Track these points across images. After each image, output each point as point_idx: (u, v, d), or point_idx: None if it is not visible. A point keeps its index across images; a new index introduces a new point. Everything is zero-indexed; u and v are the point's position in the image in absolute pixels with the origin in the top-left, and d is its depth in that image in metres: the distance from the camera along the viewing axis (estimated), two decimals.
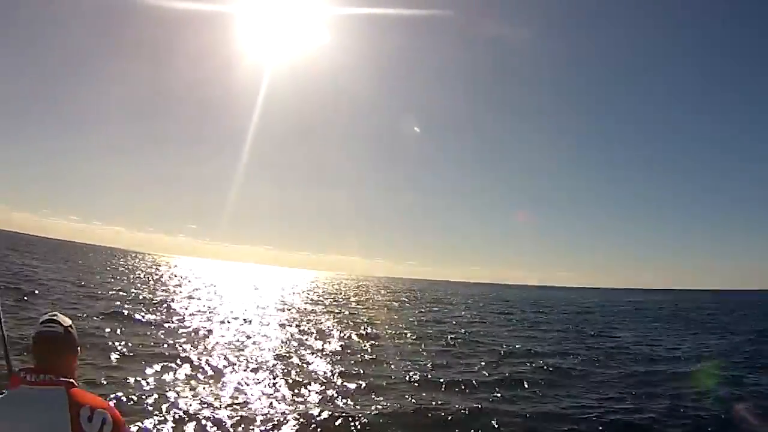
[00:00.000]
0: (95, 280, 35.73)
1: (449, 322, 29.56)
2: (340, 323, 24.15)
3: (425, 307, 43.62)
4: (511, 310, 45.45)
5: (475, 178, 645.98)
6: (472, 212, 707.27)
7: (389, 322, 26.38)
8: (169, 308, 23.25)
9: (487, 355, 17.24)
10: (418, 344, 18.93)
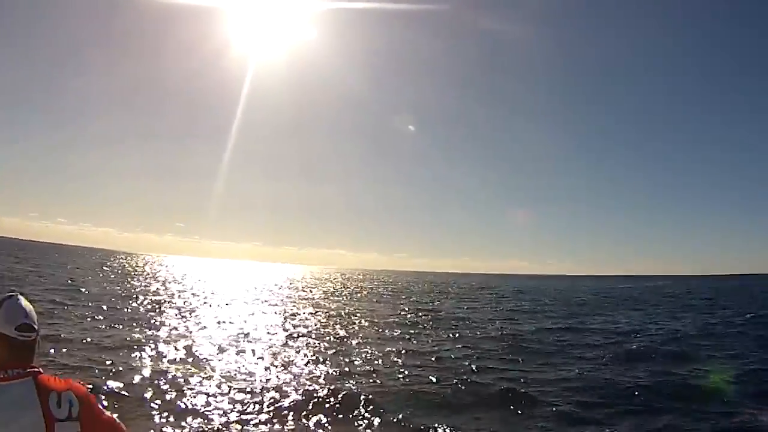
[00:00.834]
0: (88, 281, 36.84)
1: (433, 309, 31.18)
2: (328, 317, 25.07)
3: (412, 298, 45.17)
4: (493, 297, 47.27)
5: (464, 170, 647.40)
6: (462, 204, 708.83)
7: (375, 314, 27.42)
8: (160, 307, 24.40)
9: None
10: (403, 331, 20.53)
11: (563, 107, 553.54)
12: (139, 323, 17.97)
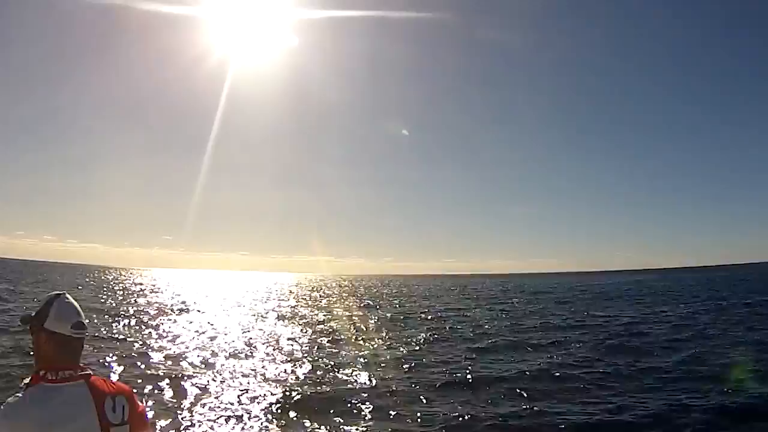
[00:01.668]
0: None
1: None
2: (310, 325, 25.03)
3: (396, 301, 45.05)
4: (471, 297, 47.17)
5: (447, 172, 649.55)
6: (446, 206, 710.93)
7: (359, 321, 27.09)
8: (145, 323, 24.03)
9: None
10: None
11: (546, 107, 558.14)
12: (105, 339, 17.34)
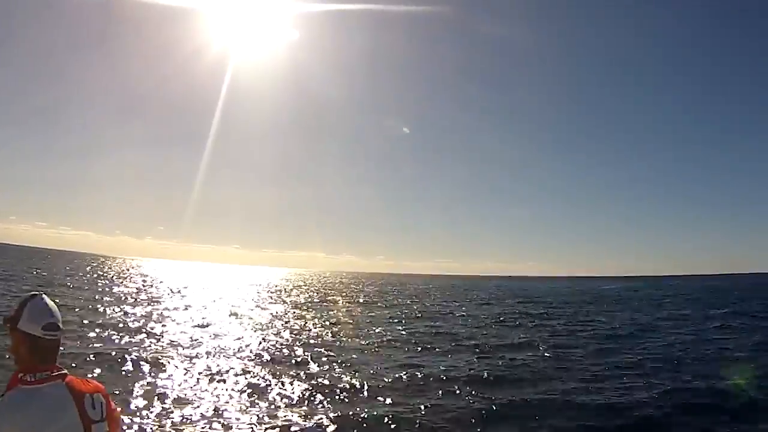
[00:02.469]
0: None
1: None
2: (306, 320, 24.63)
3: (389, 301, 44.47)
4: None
5: (443, 171, 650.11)
6: (439, 206, 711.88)
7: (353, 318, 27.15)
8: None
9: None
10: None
11: (545, 107, 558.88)
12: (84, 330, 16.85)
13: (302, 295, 49.00)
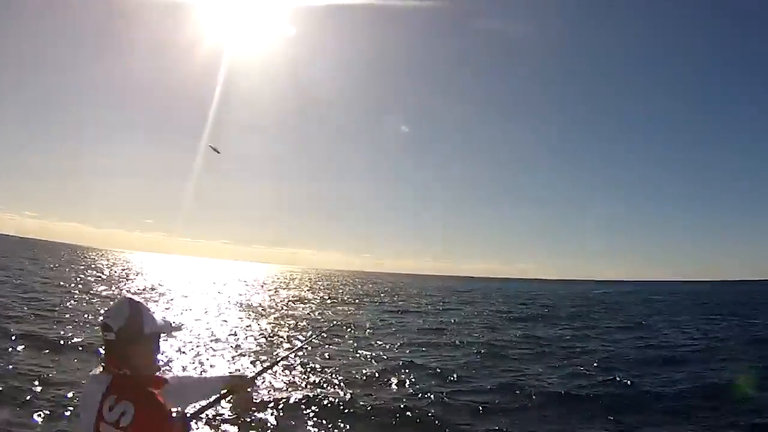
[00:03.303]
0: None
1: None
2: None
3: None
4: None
5: (436, 170, 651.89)
6: (433, 206, 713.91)
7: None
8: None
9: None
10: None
11: (544, 107, 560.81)
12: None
13: (287, 290, 48.49)
